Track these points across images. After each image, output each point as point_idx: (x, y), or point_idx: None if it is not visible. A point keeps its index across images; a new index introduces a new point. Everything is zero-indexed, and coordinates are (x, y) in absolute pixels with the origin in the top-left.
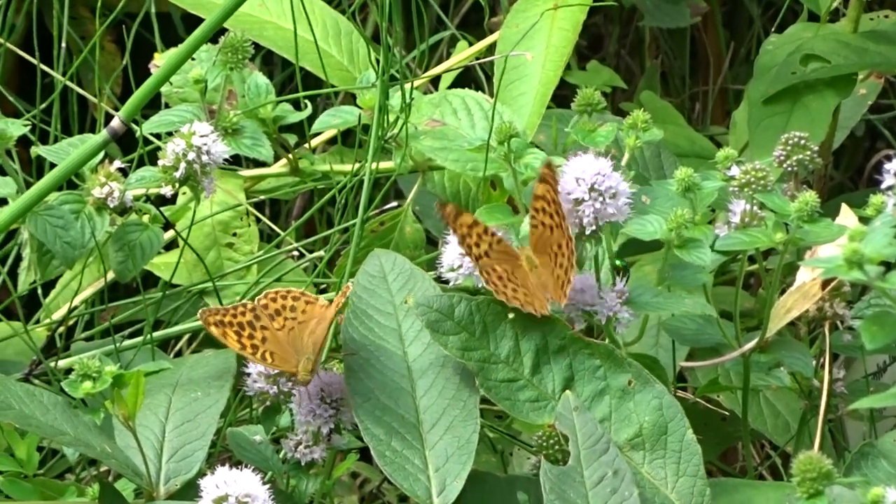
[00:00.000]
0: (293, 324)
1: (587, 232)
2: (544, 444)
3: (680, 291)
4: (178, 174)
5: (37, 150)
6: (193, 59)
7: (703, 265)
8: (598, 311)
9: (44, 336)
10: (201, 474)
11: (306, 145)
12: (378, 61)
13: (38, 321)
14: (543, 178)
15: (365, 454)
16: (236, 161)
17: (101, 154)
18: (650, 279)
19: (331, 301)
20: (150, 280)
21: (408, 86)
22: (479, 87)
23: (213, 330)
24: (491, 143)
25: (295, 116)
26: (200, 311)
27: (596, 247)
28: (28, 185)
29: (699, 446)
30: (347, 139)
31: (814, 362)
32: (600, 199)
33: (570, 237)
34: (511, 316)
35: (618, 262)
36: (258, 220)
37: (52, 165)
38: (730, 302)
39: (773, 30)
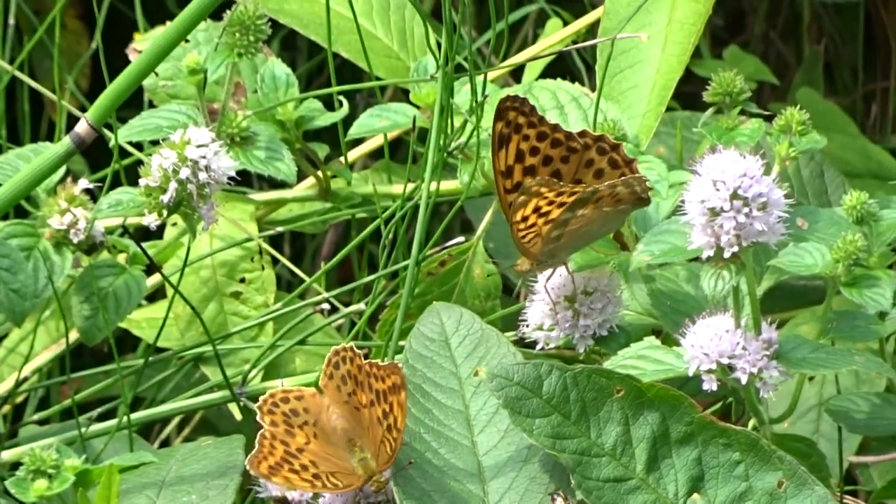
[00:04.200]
0: (313, 429)
1: (725, 255)
2: None
3: (849, 346)
4: (166, 198)
5: None
6: (188, 41)
7: (881, 309)
8: (737, 366)
9: None
10: None
11: (341, 159)
12: (439, 45)
13: None
14: (502, 113)
15: None
16: (246, 180)
17: (62, 170)
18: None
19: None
20: (127, 342)
21: (480, 78)
22: (576, 79)
23: (275, 481)
24: None
25: (326, 118)
26: (248, 462)
27: (737, 277)
28: None
29: None
30: (397, 151)
31: None
32: (745, 209)
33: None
34: (620, 393)
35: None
36: (275, 262)
37: None
38: None
39: None
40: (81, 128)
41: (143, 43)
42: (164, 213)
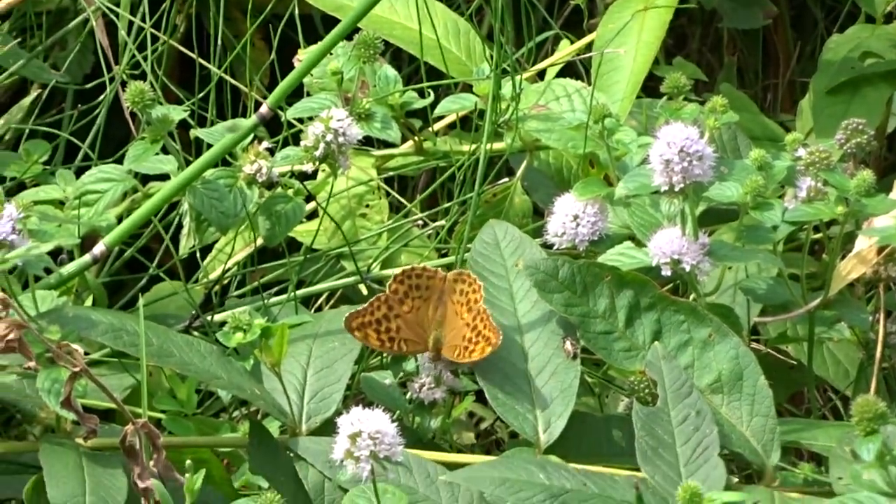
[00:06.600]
0: (420, 303)
1: (676, 189)
2: (636, 387)
3: (753, 247)
4: (317, 153)
5: (195, 132)
6: (331, 54)
7: (774, 224)
8: (684, 260)
9: (201, 294)
10: (338, 413)
11: (430, 128)
12: (492, 57)
13: (196, 281)
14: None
15: (480, 396)
16: (368, 142)
17: (251, 136)
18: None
19: (446, 268)
20: (293, 245)
21: (517, 77)
22: (579, 79)
23: (356, 334)
24: (588, 123)
25: (420, 103)
26: (345, 317)
27: (683, 203)
28: (188, 163)
29: (770, 391)
30: (465, 123)
31: (870, 318)
32: (688, 159)
33: None
34: (608, 278)
35: None
36: (388, 194)
37: (209, 146)
38: (798, 266)
39: (834, 30)
40: (264, 109)
41: (303, 55)
42: (317, 162)
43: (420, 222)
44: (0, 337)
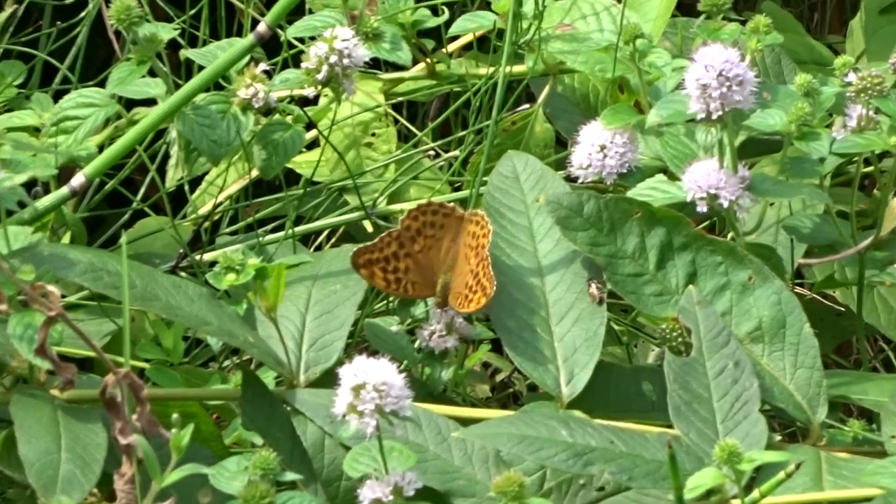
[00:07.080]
0: (432, 242)
1: (713, 117)
2: (668, 336)
3: (798, 181)
4: (320, 76)
5: (186, 53)
6: None
7: (821, 156)
8: (721, 195)
9: (190, 230)
10: (340, 363)
11: (443, 50)
12: None
13: (184, 216)
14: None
15: (496, 345)
16: (376, 64)
17: (247, 57)
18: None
19: (460, 203)
20: (292, 177)
21: None
22: None
23: (362, 272)
24: (618, 45)
25: (433, 21)
26: (352, 252)
27: (721, 132)
28: (177, 87)
29: (816, 340)
30: (482, 44)
31: None
32: (727, 84)
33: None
34: (638, 214)
35: None
36: (396, 121)
37: (201, 68)
38: (846, 202)
39: None
40: (261, 28)
41: None
42: (319, 87)
43: (431, 153)
44: None
